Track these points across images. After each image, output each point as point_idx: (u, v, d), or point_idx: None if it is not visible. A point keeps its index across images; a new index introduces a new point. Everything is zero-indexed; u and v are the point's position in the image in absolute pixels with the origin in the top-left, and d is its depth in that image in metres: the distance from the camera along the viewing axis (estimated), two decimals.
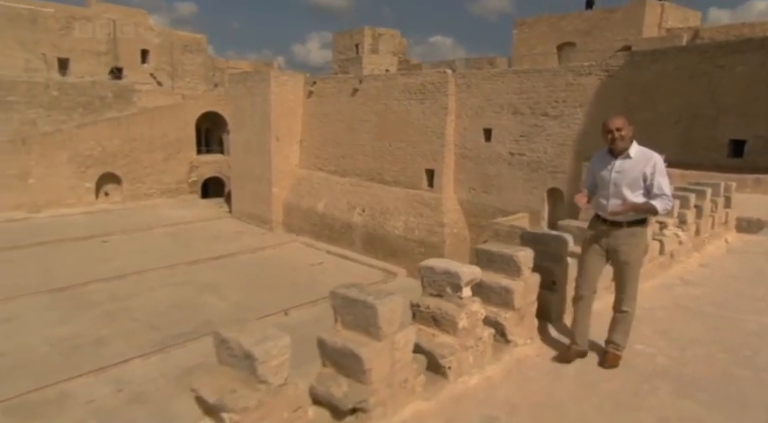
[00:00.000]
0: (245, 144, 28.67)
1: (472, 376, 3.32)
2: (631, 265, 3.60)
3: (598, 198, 3.70)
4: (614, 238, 3.57)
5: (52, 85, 29.31)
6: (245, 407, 2.20)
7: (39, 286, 18.31)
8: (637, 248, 3.61)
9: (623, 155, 3.54)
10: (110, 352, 14.40)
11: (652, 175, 3.48)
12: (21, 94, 27.73)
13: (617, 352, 3.60)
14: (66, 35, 32.32)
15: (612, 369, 3.51)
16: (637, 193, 3.53)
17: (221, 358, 2.46)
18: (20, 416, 11.13)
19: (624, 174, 3.53)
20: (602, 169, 3.66)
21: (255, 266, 22.68)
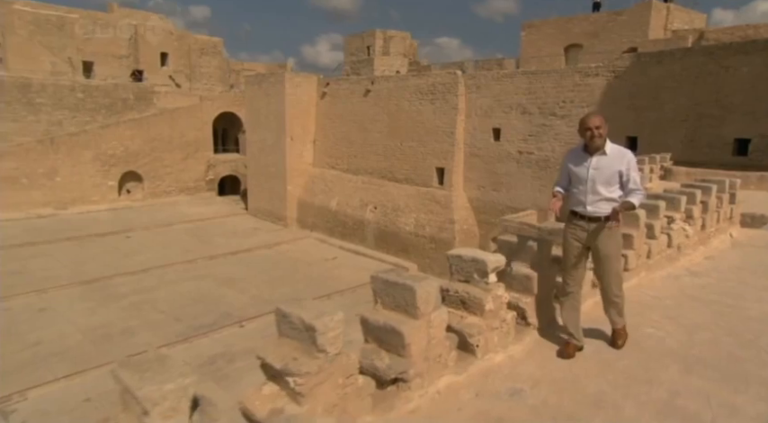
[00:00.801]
0: (260, 143, 28.99)
1: (497, 354, 3.56)
2: (612, 257, 3.65)
3: (575, 194, 3.72)
4: (593, 232, 3.61)
5: (77, 87, 29.82)
6: (307, 372, 2.46)
7: (70, 278, 18.76)
8: (614, 241, 3.66)
9: (599, 152, 3.57)
10: (138, 341, 14.69)
11: (628, 170, 3.54)
12: (48, 97, 28.28)
13: (621, 328, 3.78)
14: (90, 39, 32.86)
15: (623, 348, 3.69)
16: (613, 189, 3.58)
17: (282, 331, 2.72)
18: (58, 400, 11.48)
19: (601, 170, 3.56)
20: (578, 166, 3.68)
21: (272, 261, 22.92)
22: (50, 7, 31.10)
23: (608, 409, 2.97)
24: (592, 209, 3.59)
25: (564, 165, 3.85)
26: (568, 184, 3.78)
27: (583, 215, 3.63)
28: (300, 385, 2.46)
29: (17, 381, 11.94)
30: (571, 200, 3.76)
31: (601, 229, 3.58)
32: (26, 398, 11.38)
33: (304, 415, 2.45)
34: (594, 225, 3.59)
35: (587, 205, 3.60)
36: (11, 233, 23.57)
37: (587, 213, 3.60)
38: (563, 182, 3.84)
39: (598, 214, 3.57)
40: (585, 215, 3.61)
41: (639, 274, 5.30)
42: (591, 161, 3.59)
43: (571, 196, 3.75)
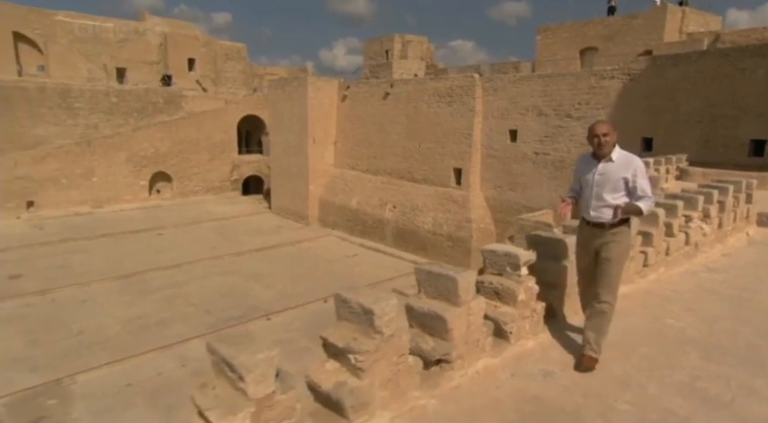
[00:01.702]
0: (283, 145, 29.42)
1: (528, 340, 3.78)
2: (612, 261, 3.54)
3: (583, 200, 3.70)
4: (599, 238, 3.57)
5: (112, 92, 30.64)
6: (366, 350, 2.72)
7: (108, 273, 19.37)
8: (618, 246, 3.56)
9: (606, 158, 3.54)
10: (172, 332, 15.14)
11: (634, 177, 3.47)
12: (85, 101, 29.12)
13: (593, 355, 3.44)
14: (123, 47, 33.73)
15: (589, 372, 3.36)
16: (618, 195, 3.50)
17: (341, 315, 2.98)
18: (103, 384, 11.97)
19: (606, 176, 3.52)
20: (586, 172, 3.66)
21: (295, 258, 23.24)
22: (88, 17, 32.05)
23: (633, 388, 3.17)
24: (595, 214, 3.57)
25: (576, 170, 3.85)
26: (580, 189, 3.76)
27: (588, 221, 3.63)
28: (361, 362, 2.72)
29: (66, 365, 12.52)
30: (581, 205, 3.74)
31: (605, 235, 3.53)
32: (75, 381, 11.92)
33: (364, 387, 2.71)
34: (599, 230, 3.56)
35: (591, 211, 3.59)
36: (53, 230, 24.45)
37: (591, 219, 3.59)
38: (576, 187, 3.83)
39: (601, 220, 3.53)
40: (590, 221, 3.60)
41: (658, 270, 5.45)
42: (598, 167, 3.56)
43: (581, 201, 3.74)
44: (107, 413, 10.97)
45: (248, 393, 2.21)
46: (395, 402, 2.87)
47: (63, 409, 10.86)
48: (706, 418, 2.87)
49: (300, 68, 47.78)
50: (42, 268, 19.46)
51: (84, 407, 10.92)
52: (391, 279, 19.77)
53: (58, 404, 11.00)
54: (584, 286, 3.82)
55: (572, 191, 3.85)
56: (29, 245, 22.18)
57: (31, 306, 16.22)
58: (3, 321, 14.98)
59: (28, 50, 30.62)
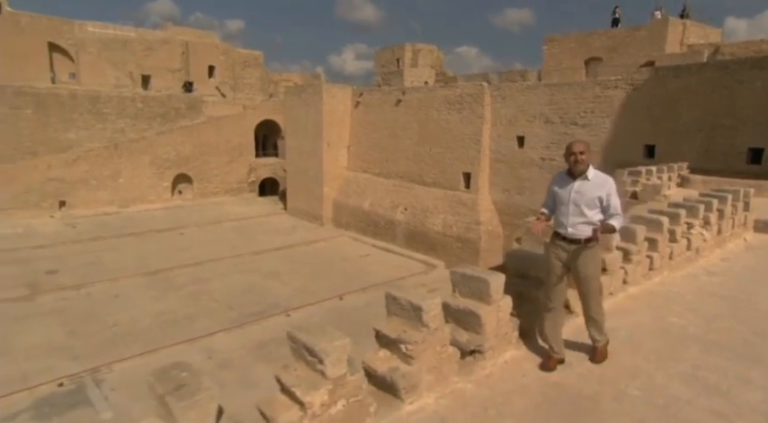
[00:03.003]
0: (299, 149, 29.85)
1: None
2: (591, 276, 3.67)
3: (558, 216, 3.75)
4: (573, 253, 3.63)
5: (137, 98, 31.23)
6: (415, 341, 3.11)
7: (136, 269, 19.88)
8: (593, 262, 3.69)
9: (582, 176, 3.62)
10: (198, 326, 15.52)
11: (608, 196, 3.57)
12: (113, 107, 29.76)
13: (602, 346, 3.75)
14: (148, 55, 34.37)
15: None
16: (593, 213, 3.59)
17: (390, 311, 3.36)
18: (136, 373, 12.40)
19: (582, 194, 3.59)
20: (561, 189, 3.72)
21: (310, 257, 23.51)
22: (116, 27, 32.78)
23: (642, 377, 3.53)
24: (572, 231, 3.62)
25: (550, 187, 3.87)
26: (553, 205, 3.81)
27: (564, 237, 3.67)
28: (410, 350, 3.11)
29: (103, 355, 12.99)
30: (555, 221, 3.79)
31: (581, 251, 3.61)
32: (112, 370, 12.38)
33: (414, 372, 3.10)
34: (575, 246, 3.62)
35: (568, 227, 3.63)
36: (84, 228, 25.07)
37: (568, 235, 3.64)
38: (549, 203, 3.87)
39: (577, 236, 3.61)
40: (567, 237, 3.65)
41: (663, 273, 5.78)
42: (573, 185, 3.64)
43: (555, 217, 3.80)
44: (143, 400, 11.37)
45: (326, 374, 2.60)
46: (438, 385, 3.25)
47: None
48: (706, 403, 3.22)
49: (313, 75, 48.26)
50: (76, 264, 20.04)
51: (124, 394, 11.36)
52: (402, 278, 20.09)
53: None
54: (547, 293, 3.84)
55: (545, 207, 3.90)
56: (63, 242, 22.82)
57: (68, 300, 16.75)
58: (44, 314, 15.52)
59: (61, 59, 31.38)
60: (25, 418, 10.25)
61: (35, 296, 16.80)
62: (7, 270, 18.96)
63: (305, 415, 2.54)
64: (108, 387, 11.77)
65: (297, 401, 2.58)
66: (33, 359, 12.56)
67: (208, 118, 33.84)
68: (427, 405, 3.09)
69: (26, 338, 13.70)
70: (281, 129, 35.34)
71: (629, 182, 11.18)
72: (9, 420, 10.12)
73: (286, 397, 2.67)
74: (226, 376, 12.98)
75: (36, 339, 13.74)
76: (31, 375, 11.70)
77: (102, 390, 11.68)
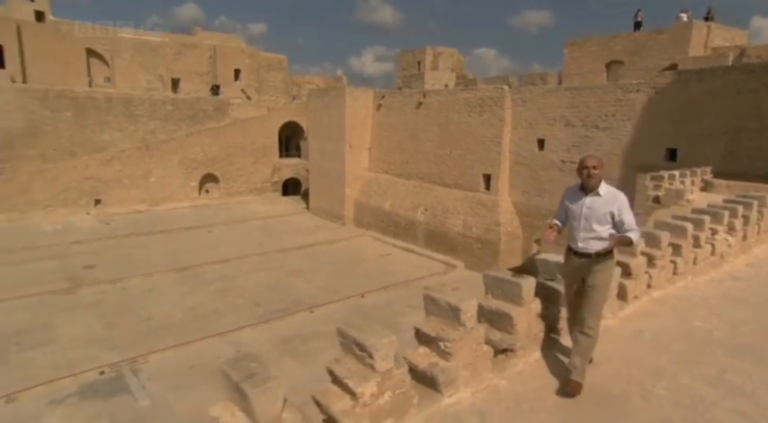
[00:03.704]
0: (322, 150, 30.21)
1: None
2: (596, 288, 3.60)
3: (570, 231, 3.74)
4: (585, 267, 3.62)
5: (167, 101, 32.02)
6: (453, 339, 3.29)
7: (167, 265, 20.43)
8: (602, 275, 3.62)
9: (593, 192, 3.59)
10: (226, 321, 15.84)
11: (620, 212, 3.53)
12: (145, 109, 30.62)
13: (578, 380, 3.42)
14: (177, 59, 35.25)
15: (575, 396, 3.35)
16: (605, 227, 3.57)
17: (429, 311, 3.55)
18: (170, 364, 12.87)
19: (594, 210, 3.57)
20: (573, 204, 3.71)
21: (332, 256, 23.68)
22: (147, 33, 33.73)
23: (668, 378, 3.64)
24: (582, 245, 3.62)
25: (562, 201, 3.87)
26: (565, 219, 3.82)
27: (576, 251, 3.67)
28: (449, 347, 3.29)
29: (139, 346, 13.47)
30: (568, 235, 3.79)
31: (592, 264, 3.59)
32: (147, 361, 12.84)
33: (452, 368, 3.29)
34: (586, 260, 3.61)
35: (579, 242, 3.64)
36: (118, 225, 25.92)
37: (579, 249, 3.64)
38: (561, 216, 3.88)
39: (588, 251, 3.59)
40: (578, 251, 3.65)
41: (687, 278, 5.83)
42: (585, 201, 3.62)
43: (568, 231, 3.79)
44: (177, 390, 11.84)
45: (376, 367, 2.81)
46: (474, 381, 3.44)
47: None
48: (732, 404, 3.32)
49: (335, 77, 48.69)
50: (112, 260, 20.76)
51: (160, 383, 11.81)
52: (423, 278, 20.21)
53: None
54: (571, 312, 3.85)
55: (557, 218, 3.90)
56: (98, 238, 23.63)
57: (105, 293, 17.39)
58: (83, 306, 16.17)
59: (97, 64, 32.46)
60: (73, 401, 10.78)
61: (76, 289, 17.49)
62: (50, 264, 19.79)
63: (356, 404, 2.76)
64: (144, 376, 12.23)
65: (349, 392, 2.79)
66: (77, 348, 13.15)
67: (234, 120, 34.43)
68: (464, 398, 3.28)
69: (69, 329, 14.33)
70: (304, 130, 35.80)
71: (651, 186, 11.13)
72: (59, 402, 10.68)
73: (338, 388, 2.89)
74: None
75: (78, 330, 14.35)
76: (75, 363, 12.27)
77: (139, 379, 12.14)
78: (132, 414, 10.73)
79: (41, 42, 29.84)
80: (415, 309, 13.57)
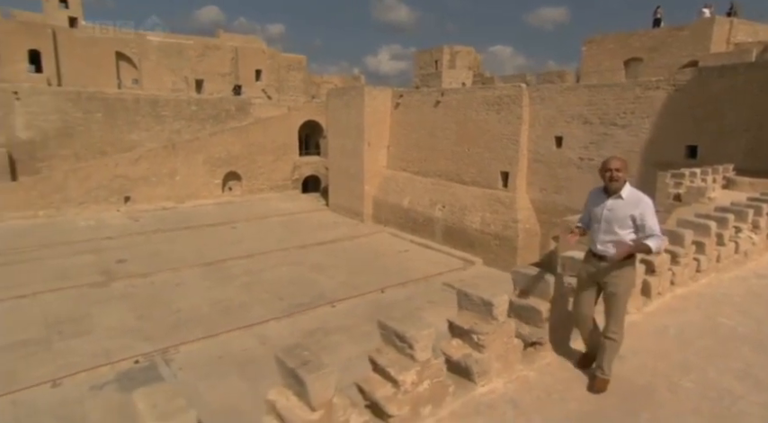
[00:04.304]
0: (341, 148, 30.42)
1: None
2: (618, 296, 3.53)
3: (591, 233, 3.67)
4: (604, 271, 3.53)
5: (192, 101, 32.68)
6: (486, 332, 3.41)
7: (193, 260, 20.89)
8: (623, 281, 3.53)
9: (616, 195, 3.50)
10: (252, 314, 16.11)
11: (642, 216, 3.41)
12: (170, 110, 31.30)
13: (604, 377, 3.48)
14: (201, 61, 35.87)
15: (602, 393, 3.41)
16: (626, 231, 3.47)
17: (462, 305, 3.67)
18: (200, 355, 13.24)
19: (615, 212, 3.48)
20: (595, 206, 3.63)
21: (352, 251, 23.81)
22: (173, 36, 34.43)
23: (694, 372, 3.70)
24: (602, 248, 3.54)
25: (587, 203, 3.80)
26: (589, 221, 3.73)
27: (595, 253, 3.60)
28: (482, 340, 3.42)
29: (170, 337, 13.86)
30: (590, 237, 3.71)
31: (611, 269, 3.49)
32: (179, 351, 13.22)
33: (485, 359, 3.41)
34: (605, 264, 3.52)
35: (598, 244, 3.56)
36: (146, 222, 26.58)
37: (598, 252, 3.56)
38: (585, 219, 3.80)
39: (606, 254, 3.51)
40: (597, 254, 3.58)
41: (710, 275, 5.83)
42: (607, 203, 3.53)
43: (590, 234, 3.72)
44: (207, 379, 12.20)
45: (416, 357, 2.95)
46: (505, 372, 3.55)
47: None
48: (758, 398, 3.37)
49: (354, 77, 48.86)
50: (141, 255, 21.34)
51: (191, 373, 12.17)
52: (441, 273, 20.30)
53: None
54: (577, 311, 3.79)
55: (581, 221, 3.84)
56: (129, 234, 24.30)
57: (136, 287, 17.91)
58: (116, 298, 16.71)
59: (125, 67, 33.27)
60: (111, 388, 11.22)
61: (109, 283, 18.07)
62: (86, 258, 20.47)
63: (398, 391, 2.90)
64: (176, 366, 12.61)
65: (391, 380, 2.94)
66: (112, 338, 13.63)
67: (255, 119, 34.90)
68: (497, 388, 3.40)
69: (105, 320, 14.85)
70: (323, 129, 36.06)
71: (671, 184, 11.00)
72: (99, 388, 11.13)
73: (379, 376, 3.04)
74: None
75: (112, 321, 14.85)
76: (112, 352, 12.74)
77: (171, 368, 12.53)
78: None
79: (74, 46, 30.73)
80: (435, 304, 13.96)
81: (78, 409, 10.37)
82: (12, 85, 26.96)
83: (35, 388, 10.87)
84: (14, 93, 26.39)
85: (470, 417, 3.09)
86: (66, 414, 10.09)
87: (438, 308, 15.23)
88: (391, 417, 2.87)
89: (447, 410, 3.10)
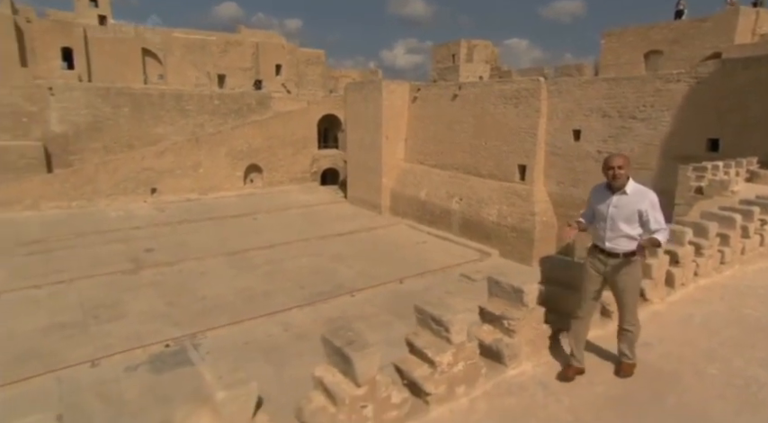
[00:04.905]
0: (359, 142, 30.49)
1: None
2: (628, 291, 3.53)
3: (597, 230, 3.61)
4: (611, 266, 3.49)
5: (214, 95, 33.08)
6: (516, 317, 3.51)
7: (217, 250, 21.29)
8: (632, 276, 3.51)
9: (620, 191, 3.46)
10: (275, 302, 16.37)
11: (647, 211, 3.38)
12: (194, 104, 31.76)
13: (631, 362, 3.54)
14: (223, 56, 36.23)
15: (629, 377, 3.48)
16: (633, 226, 3.42)
17: (492, 293, 3.77)
18: (226, 341, 13.60)
19: (621, 209, 3.44)
20: (600, 203, 3.57)
21: (370, 243, 23.93)
22: (196, 32, 34.83)
23: (720, 360, 3.73)
24: (610, 245, 3.48)
25: (589, 199, 3.74)
26: (592, 217, 3.68)
27: (602, 250, 3.53)
28: (512, 325, 3.51)
29: (197, 323, 14.23)
30: (593, 234, 3.66)
31: (621, 266, 3.46)
32: (206, 337, 13.57)
33: (515, 343, 3.51)
34: (613, 260, 3.47)
35: (606, 241, 3.49)
36: (172, 213, 27.15)
37: (606, 249, 3.50)
38: (588, 214, 3.74)
39: (616, 251, 3.46)
40: (605, 250, 3.51)
41: (734, 267, 5.79)
42: (612, 199, 3.48)
43: (594, 230, 3.65)
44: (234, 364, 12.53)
45: (451, 340, 3.07)
46: (534, 356, 3.65)
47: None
48: None
49: (371, 71, 48.76)
50: (168, 244, 21.85)
51: (218, 357, 12.52)
52: (458, 265, 20.34)
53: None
54: (580, 304, 3.70)
55: (584, 217, 3.78)
56: (155, 224, 24.88)
57: (164, 275, 18.38)
58: (145, 286, 17.20)
59: (151, 62, 33.83)
60: (144, 370, 11.64)
61: (138, 270, 18.59)
62: (116, 247, 21.08)
63: (434, 371, 3.03)
64: (204, 350, 12.97)
65: (427, 361, 3.06)
66: (144, 323, 14.09)
67: (275, 113, 35.13)
68: (527, 371, 3.50)
69: (136, 305, 15.33)
70: (341, 122, 36.16)
71: (693, 177, 10.83)
72: (133, 370, 11.57)
73: (416, 357, 3.16)
74: (302, 347, 13.77)
75: (143, 307, 15.32)
76: (143, 336, 13.18)
77: (199, 352, 12.90)
78: (196, 384, 11.47)
79: (104, 44, 31.36)
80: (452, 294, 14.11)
81: (115, 388, 10.81)
82: (47, 82, 27.76)
83: (76, 367, 11.36)
84: (49, 89, 27.16)
85: (502, 396, 3.20)
86: (104, 391, 10.54)
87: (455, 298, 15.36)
88: (428, 394, 3.00)
89: (480, 390, 3.21)
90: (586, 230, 3.73)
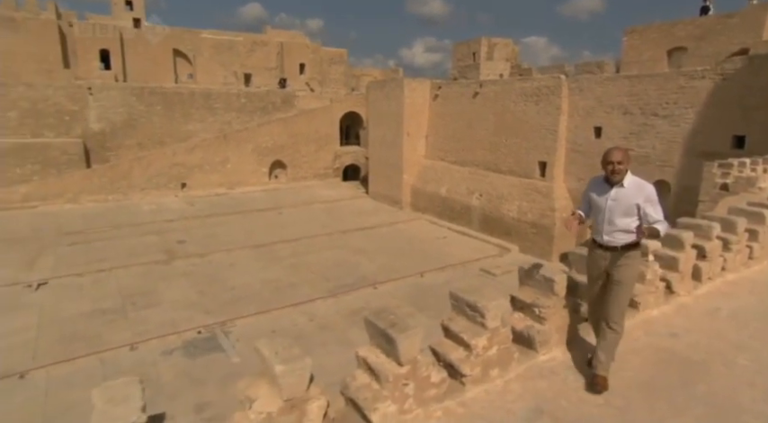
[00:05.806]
0: (381, 138, 30.57)
1: (653, 310, 4.41)
2: (623, 284, 3.40)
3: (595, 223, 3.53)
4: (610, 260, 3.41)
5: (241, 94, 33.63)
6: (547, 305, 3.58)
7: (245, 242, 21.71)
8: (629, 270, 3.41)
9: (618, 184, 3.38)
10: (300, 293, 16.58)
11: (645, 203, 3.29)
12: (222, 102, 32.37)
13: (604, 374, 3.30)
14: (249, 56, 36.76)
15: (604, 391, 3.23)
16: (630, 220, 3.34)
17: (523, 282, 3.84)
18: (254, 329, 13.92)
19: (619, 202, 3.35)
20: (598, 197, 3.48)
21: (392, 237, 23.99)
22: (224, 33, 35.43)
23: (749, 351, 3.73)
24: (608, 238, 3.40)
25: (586, 192, 3.66)
26: (589, 210, 3.60)
27: (601, 244, 3.46)
28: (543, 313, 3.58)
29: (227, 312, 14.58)
30: (593, 227, 3.58)
31: (618, 257, 3.38)
32: (235, 325, 13.93)
33: (546, 330, 3.58)
34: (611, 254, 3.40)
35: (604, 235, 3.42)
36: (201, 206, 27.79)
37: (604, 243, 3.42)
38: (584, 207, 3.67)
39: (614, 244, 3.38)
40: (603, 244, 3.44)
41: (762, 263, 5.70)
42: (610, 193, 3.39)
43: (593, 224, 3.58)
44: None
45: (487, 325, 3.16)
46: (562, 343, 3.71)
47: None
48: None
49: (392, 69, 48.73)
50: (198, 236, 22.41)
51: (247, 344, 12.84)
52: (478, 260, 20.26)
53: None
54: (593, 307, 3.66)
55: (581, 210, 3.69)
56: (186, 217, 25.52)
57: (196, 265, 18.88)
58: (178, 275, 17.71)
59: (181, 62, 34.59)
60: (179, 354, 12.06)
61: (171, 261, 19.15)
62: (151, 239, 21.75)
63: (470, 354, 3.13)
64: (234, 337, 13.33)
65: (463, 344, 3.16)
66: (177, 310, 14.55)
67: (299, 111, 35.50)
68: (557, 356, 3.57)
69: (170, 294, 15.83)
70: (363, 120, 36.30)
71: (719, 174, 10.59)
72: (169, 354, 12.01)
73: (451, 341, 3.27)
74: (327, 337, 14.02)
75: (176, 295, 15.81)
76: (177, 322, 13.62)
77: (229, 339, 13.26)
78: (227, 369, 11.81)
79: (138, 45, 32.21)
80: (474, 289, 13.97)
81: (153, 370, 11.24)
82: (86, 82, 28.73)
83: (117, 350, 11.86)
84: (88, 88, 28.12)
85: (535, 379, 3.28)
86: (143, 373, 10.94)
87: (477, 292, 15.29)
88: (465, 376, 3.10)
89: (513, 373, 3.30)
90: (584, 223, 3.65)
